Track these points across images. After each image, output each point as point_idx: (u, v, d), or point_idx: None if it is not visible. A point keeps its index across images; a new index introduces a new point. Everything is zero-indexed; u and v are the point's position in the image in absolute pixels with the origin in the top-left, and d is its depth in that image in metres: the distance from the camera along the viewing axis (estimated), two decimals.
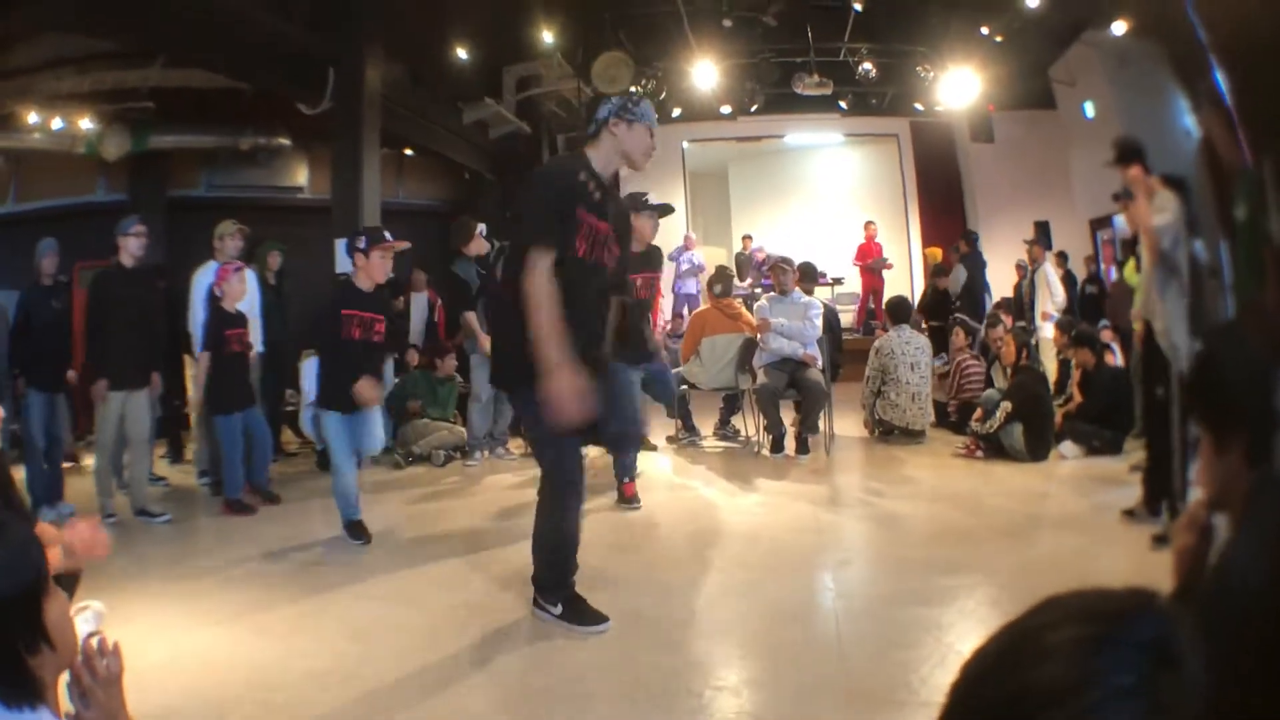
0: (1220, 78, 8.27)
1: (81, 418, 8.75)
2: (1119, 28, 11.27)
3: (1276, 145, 6.31)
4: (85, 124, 13.24)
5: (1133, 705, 0.73)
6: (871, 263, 16.23)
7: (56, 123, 13.12)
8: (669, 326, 9.44)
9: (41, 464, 7.12)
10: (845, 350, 10.63)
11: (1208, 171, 6.38)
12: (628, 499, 6.49)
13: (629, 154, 4.15)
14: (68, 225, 6.98)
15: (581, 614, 4.15)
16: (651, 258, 7.16)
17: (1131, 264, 7.46)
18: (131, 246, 6.78)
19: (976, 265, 12.38)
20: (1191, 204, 5.60)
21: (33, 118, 12.99)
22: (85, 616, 4.12)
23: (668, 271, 12.14)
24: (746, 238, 17.78)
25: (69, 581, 4.02)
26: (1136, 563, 4.69)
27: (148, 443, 7.01)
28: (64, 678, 1.80)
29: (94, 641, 1.87)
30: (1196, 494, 1.88)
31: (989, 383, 8.87)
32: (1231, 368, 1.70)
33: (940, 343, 10.37)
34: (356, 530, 5.89)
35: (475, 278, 8.19)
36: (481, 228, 8.57)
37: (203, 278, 7.53)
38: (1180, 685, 0.75)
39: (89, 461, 7.42)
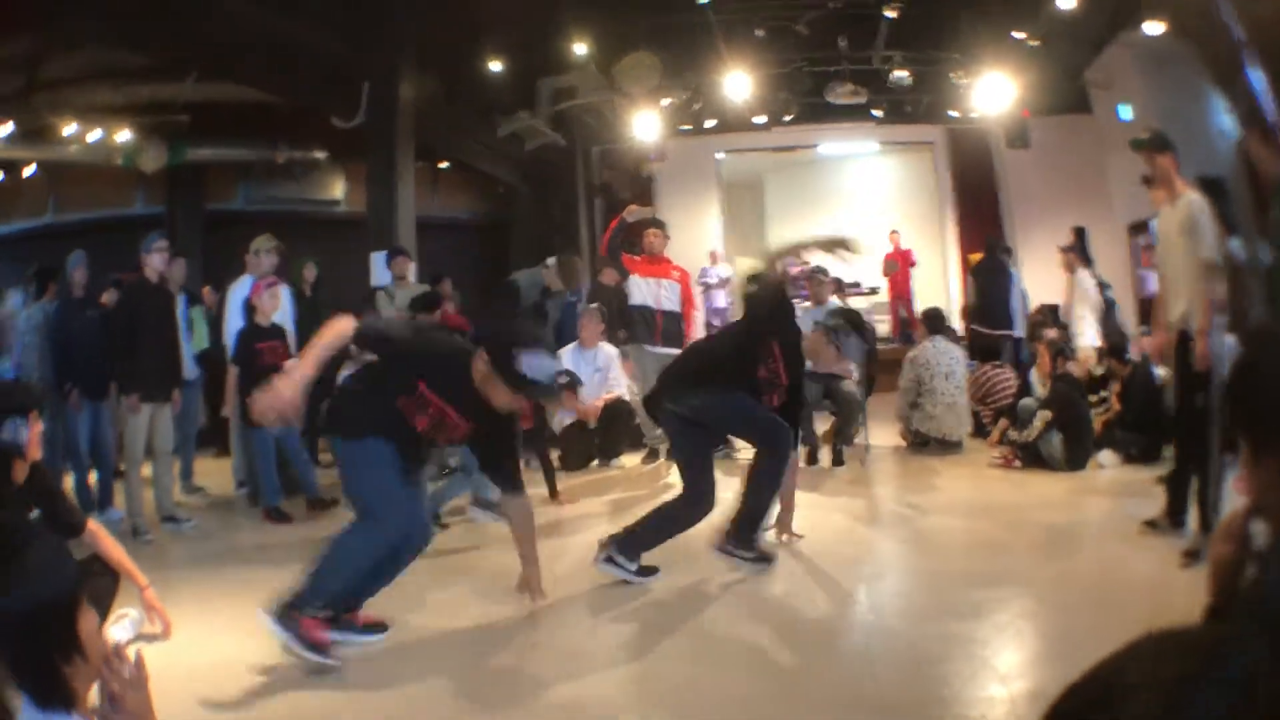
0: (1255, 79, 8.13)
1: None
2: (1154, 28, 11.13)
3: None
4: (121, 136, 13.35)
5: None
6: (891, 269, 16.30)
7: (94, 135, 13.22)
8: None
9: (86, 472, 7.28)
10: (881, 360, 10.52)
11: (1245, 173, 6.26)
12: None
13: None
14: (106, 238, 7.02)
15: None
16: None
17: None
18: (155, 262, 6.88)
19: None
20: (1229, 206, 5.48)
21: (69, 130, 13.09)
22: (123, 624, 4.17)
23: (696, 289, 12.09)
24: None
25: (107, 590, 4.06)
26: (1170, 576, 4.58)
27: (170, 454, 7.11)
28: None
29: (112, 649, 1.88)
30: (1233, 505, 1.83)
31: (1024, 391, 8.72)
32: (1269, 373, 1.65)
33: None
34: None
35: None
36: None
37: (238, 291, 7.61)
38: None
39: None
